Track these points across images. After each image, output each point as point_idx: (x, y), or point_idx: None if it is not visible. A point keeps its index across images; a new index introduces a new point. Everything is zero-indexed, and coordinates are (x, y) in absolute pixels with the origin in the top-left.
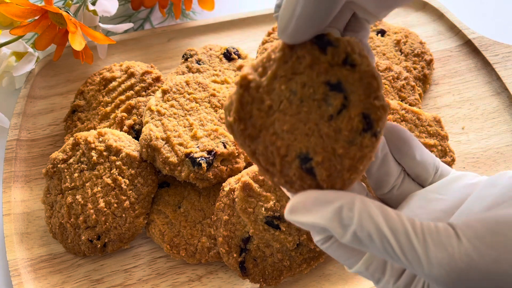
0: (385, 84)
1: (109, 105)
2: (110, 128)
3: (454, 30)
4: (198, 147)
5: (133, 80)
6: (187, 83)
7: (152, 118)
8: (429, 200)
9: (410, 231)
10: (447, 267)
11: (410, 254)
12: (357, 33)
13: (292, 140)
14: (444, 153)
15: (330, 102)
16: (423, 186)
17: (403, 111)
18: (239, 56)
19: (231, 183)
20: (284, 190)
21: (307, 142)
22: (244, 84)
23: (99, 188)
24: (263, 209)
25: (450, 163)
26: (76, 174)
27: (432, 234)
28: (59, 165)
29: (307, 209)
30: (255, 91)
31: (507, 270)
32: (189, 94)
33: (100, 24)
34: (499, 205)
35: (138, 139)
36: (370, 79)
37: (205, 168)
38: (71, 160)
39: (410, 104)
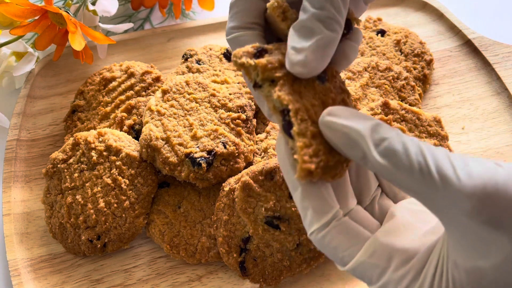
0: (385, 84)
1: (109, 105)
2: (110, 128)
3: (454, 30)
4: (198, 147)
5: (133, 80)
6: (187, 83)
7: (152, 118)
8: (415, 211)
9: (448, 151)
10: (486, 177)
11: (445, 166)
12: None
13: None
14: None
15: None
16: (395, 202)
17: (403, 111)
18: None
19: (231, 183)
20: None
21: None
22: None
23: (99, 188)
24: (263, 209)
25: None
26: (76, 174)
27: (471, 157)
28: (59, 165)
29: (346, 117)
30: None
31: None
32: (189, 94)
33: (100, 24)
34: None
35: (138, 139)
36: None
37: (205, 168)
38: (71, 160)
39: (410, 104)
